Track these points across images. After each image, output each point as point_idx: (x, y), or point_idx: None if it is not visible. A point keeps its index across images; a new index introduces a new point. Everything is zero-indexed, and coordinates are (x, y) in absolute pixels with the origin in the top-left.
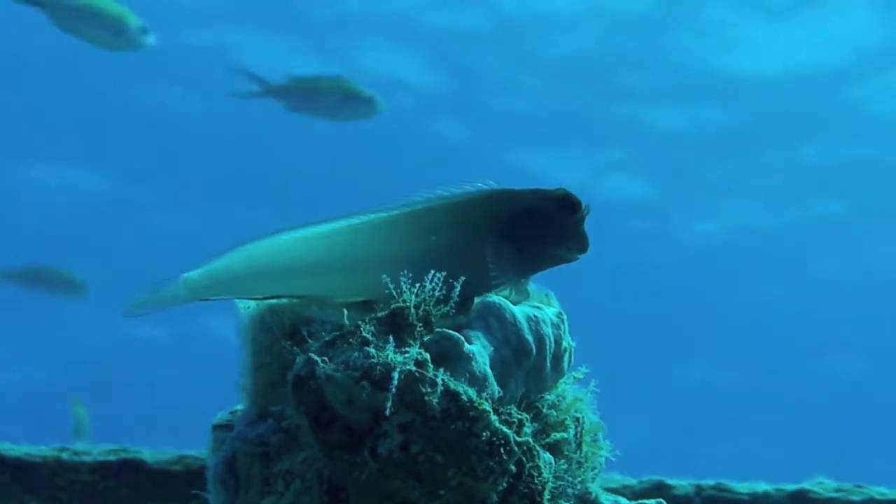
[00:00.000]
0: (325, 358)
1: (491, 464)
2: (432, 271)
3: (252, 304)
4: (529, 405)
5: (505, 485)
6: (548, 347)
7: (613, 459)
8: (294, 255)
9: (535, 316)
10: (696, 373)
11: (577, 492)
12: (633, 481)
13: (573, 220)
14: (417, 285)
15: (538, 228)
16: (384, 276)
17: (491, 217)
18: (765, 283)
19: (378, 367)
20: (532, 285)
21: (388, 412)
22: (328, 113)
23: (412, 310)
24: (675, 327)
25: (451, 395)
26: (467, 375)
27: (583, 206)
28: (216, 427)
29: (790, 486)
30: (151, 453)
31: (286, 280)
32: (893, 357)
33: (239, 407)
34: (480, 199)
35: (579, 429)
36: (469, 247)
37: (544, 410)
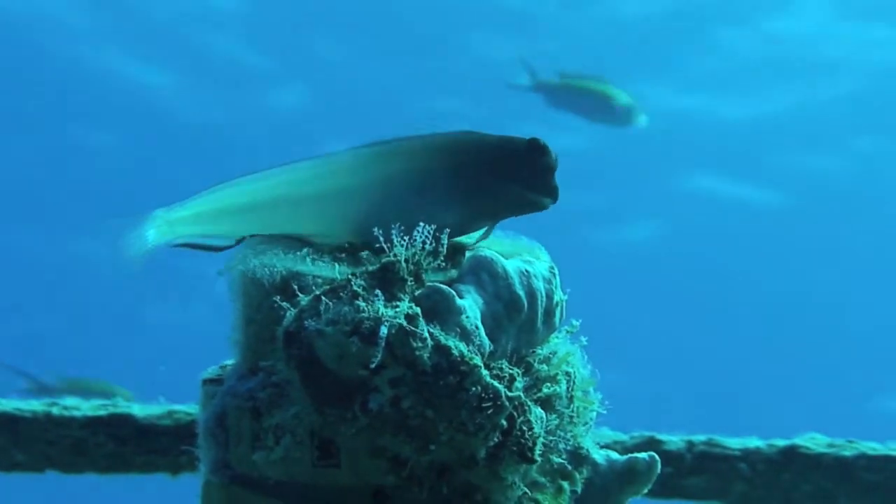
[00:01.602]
0: (316, 312)
1: (482, 419)
2: (421, 224)
3: (242, 257)
4: (520, 360)
5: (496, 440)
6: (539, 302)
7: (605, 412)
8: (263, 189)
9: (526, 270)
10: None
11: (568, 447)
12: (624, 437)
13: (542, 165)
14: (407, 238)
15: (507, 171)
16: (375, 229)
17: (462, 157)
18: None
19: (368, 322)
20: (524, 239)
21: (377, 367)
22: (587, 115)
23: (403, 264)
24: None
25: (441, 350)
26: (458, 330)
27: (553, 155)
28: (206, 381)
29: (782, 442)
30: (141, 408)
31: (258, 214)
32: None
33: (229, 361)
34: (452, 142)
35: (571, 383)
36: (438, 189)
37: (535, 365)
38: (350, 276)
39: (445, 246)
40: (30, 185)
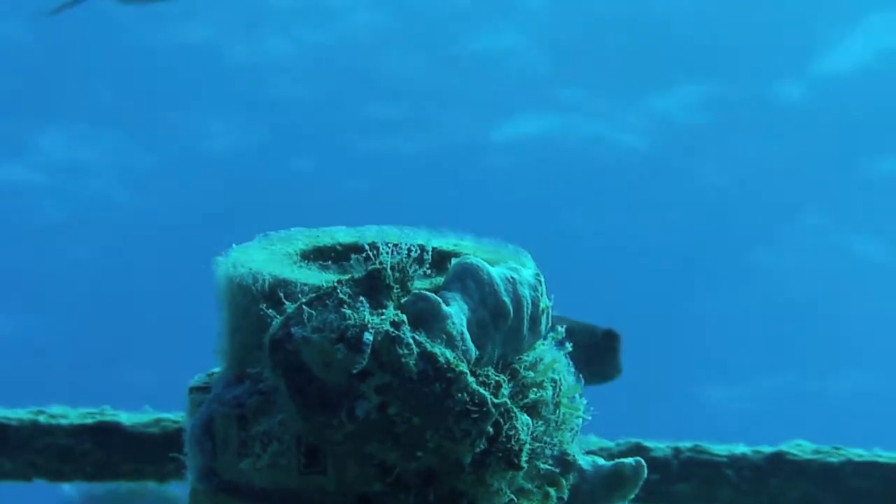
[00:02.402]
0: (302, 320)
1: (468, 425)
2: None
3: (230, 263)
4: (506, 367)
5: (482, 446)
6: (525, 309)
7: (590, 419)
8: None
9: (512, 277)
10: None
11: (555, 453)
12: (610, 444)
13: (615, 349)
14: (394, 246)
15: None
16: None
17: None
18: None
19: (353, 329)
20: (509, 246)
21: (364, 374)
22: None
23: (389, 271)
24: None
25: (427, 357)
26: (444, 337)
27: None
28: (193, 389)
29: (768, 449)
30: (128, 416)
31: None
32: None
33: (216, 369)
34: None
35: (557, 390)
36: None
37: (521, 372)
38: (336, 284)
39: (431, 254)
40: None
